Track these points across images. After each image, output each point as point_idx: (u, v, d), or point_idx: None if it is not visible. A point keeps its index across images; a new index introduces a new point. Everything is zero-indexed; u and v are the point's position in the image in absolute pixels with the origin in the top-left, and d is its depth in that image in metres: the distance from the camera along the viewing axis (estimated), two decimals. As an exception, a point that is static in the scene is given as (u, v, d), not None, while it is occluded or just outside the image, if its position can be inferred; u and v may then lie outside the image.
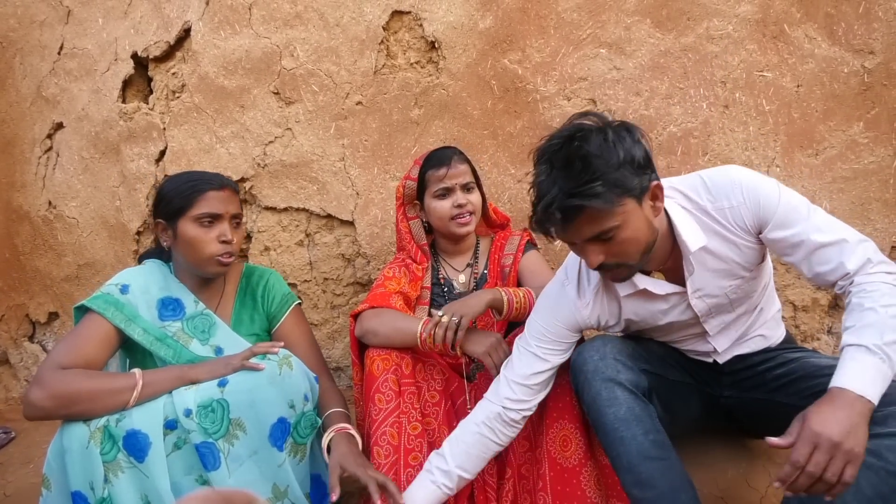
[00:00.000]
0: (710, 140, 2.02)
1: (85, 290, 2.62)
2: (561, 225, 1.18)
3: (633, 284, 1.34)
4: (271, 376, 1.38)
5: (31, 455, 2.27)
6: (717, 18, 2.01)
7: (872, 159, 1.95)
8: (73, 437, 1.32)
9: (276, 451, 1.36)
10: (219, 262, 1.53)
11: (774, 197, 1.24)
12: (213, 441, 1.34)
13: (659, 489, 1.26)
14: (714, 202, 1.28)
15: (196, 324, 1.57)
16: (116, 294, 1.50)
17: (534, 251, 1.81)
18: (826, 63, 1.96)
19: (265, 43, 2.30)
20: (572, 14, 2.10)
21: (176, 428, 1.37)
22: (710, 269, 1.31)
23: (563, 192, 1.14)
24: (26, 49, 2.65)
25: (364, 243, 2.29)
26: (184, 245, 1.53)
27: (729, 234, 1.28)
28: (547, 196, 1.16)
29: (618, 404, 1.30)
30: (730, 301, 1.36)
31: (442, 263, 1.87)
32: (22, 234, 2.69)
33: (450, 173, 1.71)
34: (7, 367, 2.84)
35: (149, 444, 1.33)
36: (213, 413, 1.35)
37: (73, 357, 1.41)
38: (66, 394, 1.33)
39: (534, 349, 1.41)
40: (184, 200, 1.51)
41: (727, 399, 1.49)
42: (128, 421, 1.35)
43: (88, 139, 2.52)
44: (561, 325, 1.41)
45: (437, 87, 2.20)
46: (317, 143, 2.29)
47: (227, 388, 1.37)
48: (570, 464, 1.43)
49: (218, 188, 1.54)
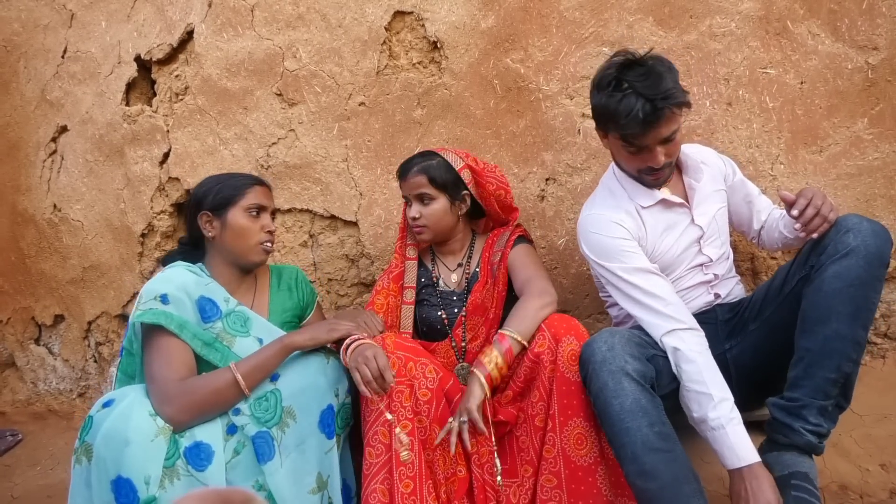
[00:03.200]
0: (713, 138, 2.01)
1: (90, 292, 2.63)
2: (645, 127, 1.41)
3: (653, 196, 1.60)
4: (320, 365, 1.48)
5: (37, 457, 2.28)
6: (719, 16, 2.00)
7: (877, 156, 1.95)
8: (139, 428, 1.32)
9: (325, 438, 1.44)
10: (264, 249, 1.65)
11: None
12: (266, 430, 1.40)
13: (662, 480, 1.28)
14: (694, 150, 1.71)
15: (234, 320, 1.61)
16: (159, 307, 1.50)
17: (524, 245, 1.79)
18: (830, 59, 1.95)
19: (268, 44, 2.30)
20: (574, 13, 2.10)
21: (236, 432, 1.42)
22: (703, 190, 1.63)
23: (654, 100, 1.38)
24: (30, 53, 2.66)
25: (368, 244, 2.29)
26: (232, 234, 1.62)
27: (709, 168, 1.66)
28: (635, 98, 1.40)
29: (624, 395, 1.32)
30: (717, 226, 1.64)
31: (437, 262, 1.88)
32: (27, 237, 2.70)
33: (404, 185, 1.79)
34: (14, 370, 2.85)
35: (212, 454, 1.38)
36: (266, 402, 1.43)
37: (177, 368, 1.46)
38: (194, 404, 1.41)
39: (642, 275, 1.53)
40: (235, 191, 1.64)
41: (731, 351, 1.58)
42: (192, 432, 1.39)
43: (92, 142, 2.53)
44: (625, 237, 1.56)
45: (439, 87, 2.20)
46: (320, 143, 2.30)
47: (279, 380, 1.46)
48: (584, 462, 1.43)
49: (261, 184, 1.70)
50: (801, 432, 1.34)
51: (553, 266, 2.15)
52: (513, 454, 1.55)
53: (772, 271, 2.04)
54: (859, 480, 1.59)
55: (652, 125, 1.41)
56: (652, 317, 1.49)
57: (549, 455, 1.46)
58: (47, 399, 2.76)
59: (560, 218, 2.14)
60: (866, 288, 1.31)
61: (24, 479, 2.16)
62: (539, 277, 1.67)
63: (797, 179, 1.98)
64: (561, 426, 1.45)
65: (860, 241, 1.31)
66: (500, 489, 1.51)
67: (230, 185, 1.65)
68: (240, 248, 1.63)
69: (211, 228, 1.64)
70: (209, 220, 1.64)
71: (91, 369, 2.72)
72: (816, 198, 1.37)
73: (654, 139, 1.45)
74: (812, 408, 1.34)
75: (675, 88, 1.41)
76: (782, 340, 1.45)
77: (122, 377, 1.58)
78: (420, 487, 1.44)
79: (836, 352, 1.32)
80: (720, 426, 1.34)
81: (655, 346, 1.49)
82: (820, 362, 1.33)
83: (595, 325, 2.14)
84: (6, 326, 2.81)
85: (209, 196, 1.64)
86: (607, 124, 1.51)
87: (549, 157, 2.14)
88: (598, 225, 1.60)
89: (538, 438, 1.50)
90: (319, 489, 1.43)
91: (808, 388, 1.34)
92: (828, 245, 1.35)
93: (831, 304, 1.31)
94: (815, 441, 1.35)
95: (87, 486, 1.32)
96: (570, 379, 1.45)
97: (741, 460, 1.32)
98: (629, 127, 1.42)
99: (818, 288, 1.34)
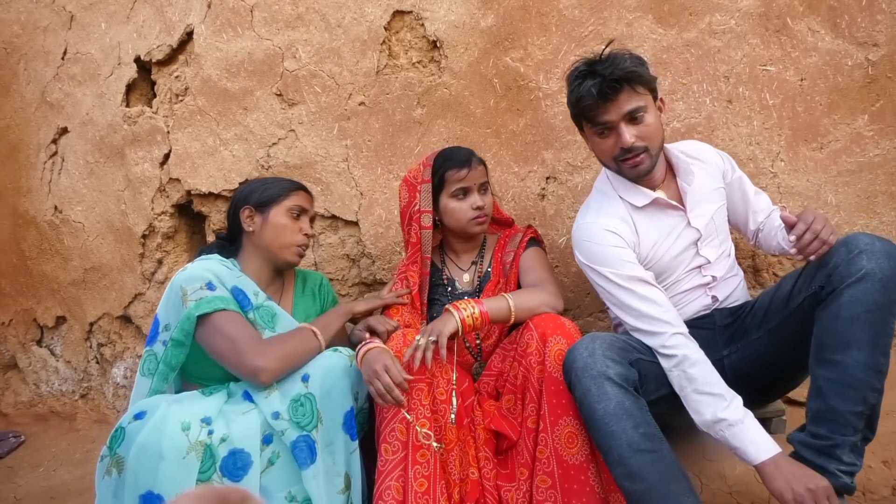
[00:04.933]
0: (714, 135, 2.01)
1: (91, 293, 2.63)
2: (602, 102, 1.44)
3: (647, 195, 1.57)
4: (344, 368, 1.50)
5: (40, 459, 2.28)
6: (719, 13, 2.00)
7: (878, 152, 1.94)
8: (172, 443, 1.30)
9: (349, 439, 1.47)
10: (298, 251, 1.71)
11: None
12: (308, 433, 1.41)
13: (649, 481, 1.29)
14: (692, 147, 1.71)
15: (262, 313, 1.63)
16: (209, 294, 1.53)
17: (535, 248, 1.80)
18: (830, 56, 1.95)
19: (267, 45, 2.30)
20: (574, 11, 2.09)
21: (272, 442, 1.42)
22: (699, 191, 1.61)
23: (606, 75, 1.43)
24: (30, 55, 2.66)
25: (368, 243, 2.29)
26: (272, 230, 1.68)
27: (707, 166, 1.65)
28: (591, 78, 1.44)
29: (607, 399, 1.32)
30: (715, 226, 1.61)
31: (447, 263, 1.87)
32: (28, 239, 2.71)
33: (470, 174, 1.72)
34: (16, 372, 2.85)
35: (249, 462, 1.38)
36: (303, 407, 1.43)
37: (251, 331, 1.53)
38: (286, 353, 1.51)
39: (637, 284, 1.51)
40: (281, 191, 1.71)
41: (729, 358, 1.54)
42: (230, 440, 1.38)
43: (93, 143, 2.53)
44: (619, 245, 1.55)
45: (439, 87, 2.20)
46: (320, 144, 2.30)
47: (310, 382, 1.47)
48: (576, 460, 1.43)
49: (307, 191, 1.77)
50: (837, 474, 1.27)
51: (554, 264, 2.15)
52: (510, 457, 1.55)
53: (773, 269, 2.04)
54: (862, 477, 1.59)
55: (608, 98, 1.44)
56: (649, 325, 1.47)
57: (542, 456, 1.47)
58: (49, 400, 2.77)
59: (560, 216, 2.14)
60: (884, 312, 1.26)
61: (27, 480, 2.16)
62: (549, 282, 1.68)
63: (798, 177, 1.97)
64: (552, 426, 1.46)
65: (875, 265, 1.26)
66: (452, 426, 1.51)
67: (277, 186, 1.72)
68: (277, 245, 1.68)
69: (252, 223, 1.69)
70: (251, 214, 1.69)
71: (93, 370, 2.72)
72: (816, 222, 1.33)
73: (615, 114, 1.46)
74: (844, 446, 1.27)
75: (631, 67, 1.44)
76: (786, 354, 1.45)
77: (165, 369, 1.54)
78: (434, 487, 1.44)
79: (859, 382, 1.26)
80: (738, 421, 1.33)
81: (639, 349, 1.49)
82: (844, 394, 1.27)
83: (596, 323, 2.14)
84: (8, 328, 2.81)
85: (255, 193, 1.71)
86: (576, 115, 1.55)
87: (549, 155, 2.14)
88: (591, 234, 1.58)
89: (531, 440, 1.50)
90: (346, 489, 1.45)
91: (836, 423, 1.28)
92: (839, 265, 1.29)
93: (849, 331, 1.26)
94: (849, 482, 1.28)
95: (116, 499, 1.32)
96: (558, 378, 1.46)
97: (767, 452, 1.30)
98: (586, 102, 1.46)
99: (835, 314, 1.28)
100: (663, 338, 1.45)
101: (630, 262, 1.53)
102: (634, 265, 1.53)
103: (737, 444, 1.33)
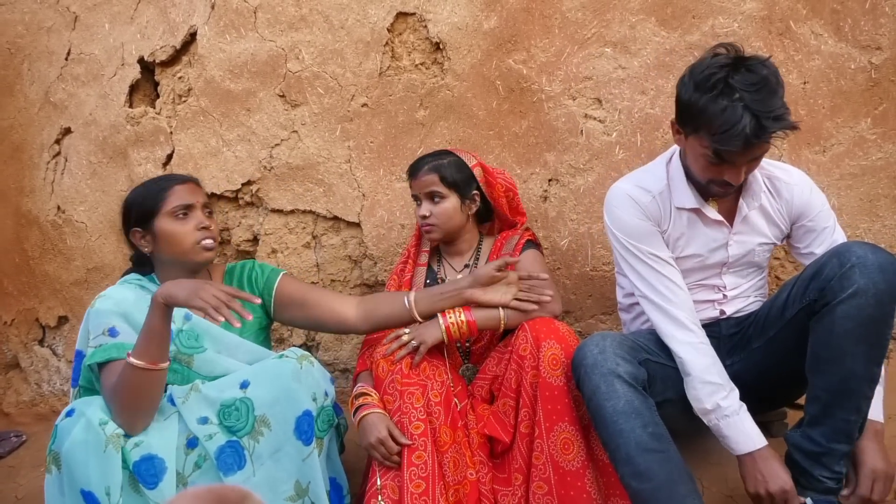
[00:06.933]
0: (716, 138, 2.01)
1: (94, 293, 2.62)
2: (746, 146, 1.28)
3: (694, 203, 1.50)
4: (293, 371, 1.41)
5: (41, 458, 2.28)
6: (722, 16, 2.00)
7: (880, 155, 1.94)
8: (94, 439, 1.31)
9: (302, 445, 1.38)
10: (203, 247, 1.57)
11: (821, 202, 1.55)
12: (237, 439, 1.36)
13: (656, 481, 1.29)
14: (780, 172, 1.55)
15: (184, 338, 1.54)
16: (108, 342, 1.46)
17: (532, 250, 1.78)
18: (833, 59, 1.95)
19: (270, 46, 2.31)
20: (577, 13, 2.10)
21: (196, 445, 1.38)
22: (755, 219, 1.53)
23: (762, 115, 1.25)
24: (34, 55, 2.67)
25: (371, 245, 2.29)
26: (165, 242, 1.56)
27: (778, 200, 1.53)
28: (745, 116, 1.25)
29: (616, 397, 1.32)
30: (751, 259, 1.55)
31: (443, 263, 1.88)
32: (31, 238, 2.71)
33: (414, 183, 1.79)
34: (17, 371, 2.86)
35: (164, 469, 1.33)
36: (237, 411, 1.38)
37: (127, 387, 1.38)
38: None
39: (663, 266, 1.50)
40: (154, 200, 1.56)
41: (733, 367, 1.53)
42: (145, 445, 1.34)
43: (96, 144, 2.54)
44: (644, 221, 1.52)
45: (442, 88, 2.20)
46: (323, 145, 2.30)
47: (249, 388, 1.40)
48: (573, 466, 1.43)
49: (181, 182, 1.61)
50: (822, 480, 1.33)
51: (556, 267, 2.15)
52: (505, 461, 1.54)
53: (775, 270, 2.04)
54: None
55: (753, 145, 1.29)
56: (667, 305, 1.49)
57: (538, 462, 1.46)
58: (51, 400, 2.77)
59: (563, 219, 2.14)
60: (879, 325, 1.27)
61: (28, 479, 2.16)
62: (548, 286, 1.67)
63: (800, 180, 1.97)
64: (547, 432, 1.45)
65: (868, 280, 1.24)
66: (447, 429, 1.52)
67: (150, 194, 1.57)
68: (178, 253, 1.56)
69: (145, 243, 1.58)
70: (141, 235, 1.58)
71: (95, 370, 2.72)
72: (878, 484, 1.32)
73: (746, 158, 1.33)
74: (834, 455, 1.32)
75: (784, 108, 1.28)
76: (786, 363, 1.46)
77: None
78: (432, 488, 1.43)
79: (853, 392, 1.29)
80: (734, 412, 1.38)
81: (648, 350, 1.49)
82: (839, 403, 1.30)
83: (597, 325, 2.14)
84: (10, 328, 2.82)
85: (133, 209, 1.58)
86: (698, 127, 1.34)
87: (551, 157, 2.14)
88: (622, 202, 1.54)
89: (525, 445, 1.49)
90: (299, 496, 1.39)
91: (830, 427, 1.32)
92: (831, 279, 1.28)
93: (843, 345, 1.28)
94: (834, 486, 1.34)
95: (62, 494, 1.33)
96: (552, 384, 1.45)
97: (754, 444, 1.36)
98: (727, 142, 1.28)
99: (829, 329, 1.29)
100: (674, 324, 1.47)
101: (656, 238, 1.53)
102: (661, 242, 1.53)
103: (728, 432, 1.37)
